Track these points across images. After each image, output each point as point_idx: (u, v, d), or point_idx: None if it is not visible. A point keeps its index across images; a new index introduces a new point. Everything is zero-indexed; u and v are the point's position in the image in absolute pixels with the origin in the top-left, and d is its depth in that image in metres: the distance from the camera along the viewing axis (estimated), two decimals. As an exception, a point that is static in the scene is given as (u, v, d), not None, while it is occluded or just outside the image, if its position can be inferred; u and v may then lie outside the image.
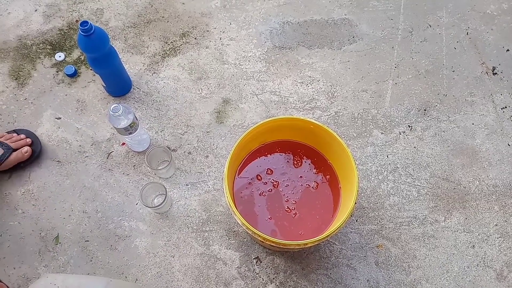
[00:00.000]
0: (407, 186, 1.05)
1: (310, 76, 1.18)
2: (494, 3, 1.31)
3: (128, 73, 1.14)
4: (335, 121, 1.13)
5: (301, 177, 0.94)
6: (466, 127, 1.13)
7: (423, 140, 1.11)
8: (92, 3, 1.28)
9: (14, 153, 1.01)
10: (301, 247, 0.79)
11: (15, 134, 1.05)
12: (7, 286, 0.85)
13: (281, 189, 0.93)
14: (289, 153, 0.96)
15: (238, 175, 0.94)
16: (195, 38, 1.23)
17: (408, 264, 0.98)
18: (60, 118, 1.12)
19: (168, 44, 1.22)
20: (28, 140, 1.05)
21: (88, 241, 0.99)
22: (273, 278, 0.96)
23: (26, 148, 1.03)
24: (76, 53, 1.20)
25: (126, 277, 0.96)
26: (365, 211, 1.03)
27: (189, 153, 1.08)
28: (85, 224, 1.00)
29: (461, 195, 1.05)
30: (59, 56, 1.19)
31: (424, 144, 1.10)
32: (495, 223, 1.02)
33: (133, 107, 1.13)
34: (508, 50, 1.23)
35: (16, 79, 1.17)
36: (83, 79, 1.17)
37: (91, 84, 1.16)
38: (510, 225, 1.02)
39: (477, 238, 1.01)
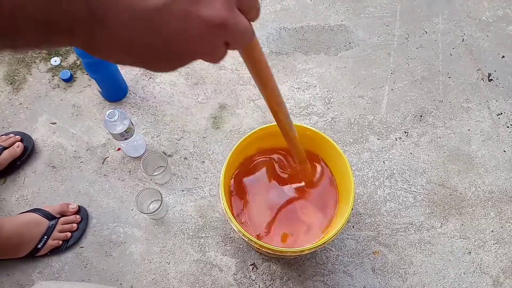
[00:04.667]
0: (403, 192, 1.05)
1: (306, 82, 1.18)
2: (490, 10, 1.31)
3: (124, 78, 1.13)
4: (332, 127, 1.12)
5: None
6: (462, 133, 1.13)
7: (419, 146, 1.11)
8: (88, 8, 1.28)
9: (6, 151, 1.00)
10: (297, 254, 0.78)
11: (3, 136, 1.04)
12: None
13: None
14: (284, 161, 0.96)
15: (234, 181, 0.94)
16: (192, 43, 1.23)
17: (404, 270, 0.98)
18: (55, 123, 1.11)
19: (165, 49, 1.21)
20: (18, 137, 1.04)
21: (82, 247, 0.98)
22: (269, 285, 0.95)
23: (18, 143, 1.02)
24: (72, 58, 1.20)
25: (121, 284, 0.95)
26: (362, 217, 1.02)
27: (185, 158, 1.08)
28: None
29: (457, 201, 1.05)
30: (55, 60, 1.19)
31: (420, 150, 1.11)
32: (491, 229, 1.02)
33: (129, 112, 1.13)
34: (503, 56, 1.24)
35: (11, 83, 1.16)
36: (78, 84, 1.16)
37: (87, 89, 1.16)
38: (506, 231, 1.02)
39: (474, 245, 1.01)
